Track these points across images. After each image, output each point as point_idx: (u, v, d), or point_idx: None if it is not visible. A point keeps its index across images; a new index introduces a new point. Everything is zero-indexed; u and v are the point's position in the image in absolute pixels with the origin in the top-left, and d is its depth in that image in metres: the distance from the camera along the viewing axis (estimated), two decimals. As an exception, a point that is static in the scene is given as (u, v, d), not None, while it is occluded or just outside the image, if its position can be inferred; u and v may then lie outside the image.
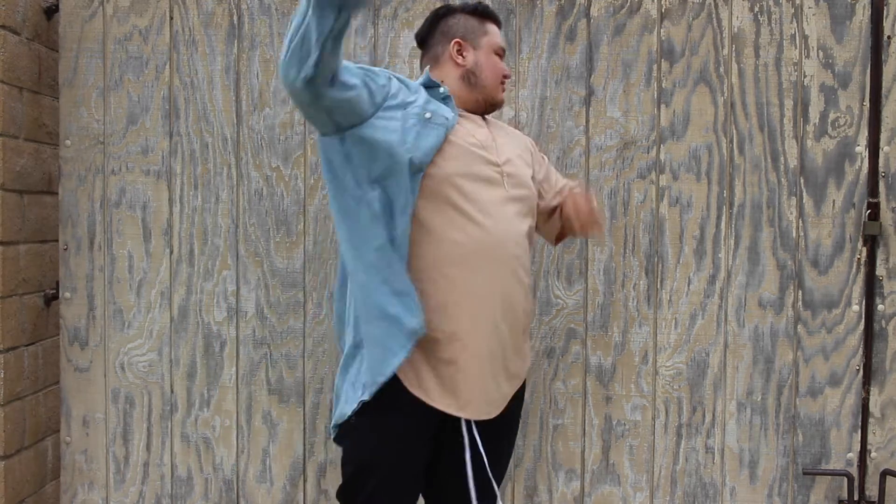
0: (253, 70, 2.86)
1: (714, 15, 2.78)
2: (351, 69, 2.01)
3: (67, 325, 2.92)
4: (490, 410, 2.12)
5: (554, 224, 2.38)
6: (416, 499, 2.17)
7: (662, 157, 2.81)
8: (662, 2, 2.80)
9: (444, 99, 2.15)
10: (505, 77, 2.25)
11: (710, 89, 2.79)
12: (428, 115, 2.06)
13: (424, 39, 2.27)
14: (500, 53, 2.25)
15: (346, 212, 2.04)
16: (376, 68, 2.13)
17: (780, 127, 2.78)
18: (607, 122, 2.81)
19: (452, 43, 2.20)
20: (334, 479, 2.86)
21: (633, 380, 2.84)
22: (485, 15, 2.25)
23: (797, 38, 2.77)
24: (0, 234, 2.61)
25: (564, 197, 2.34)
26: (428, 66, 2.23)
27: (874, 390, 2.78)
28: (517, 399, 2.24)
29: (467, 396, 2.07)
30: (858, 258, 2.77)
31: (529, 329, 2.23)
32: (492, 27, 2.25)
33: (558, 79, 2.81)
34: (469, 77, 2.22)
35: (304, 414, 2.89)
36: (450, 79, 2.20)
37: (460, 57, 2.21)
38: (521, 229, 2.14)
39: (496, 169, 2.13)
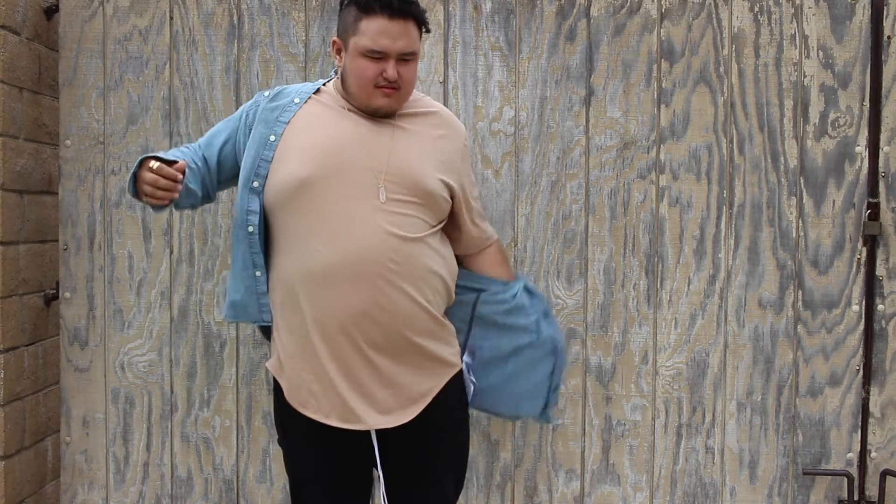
0: (253, 70, 2.86)
1: (714, 15, 2.78)
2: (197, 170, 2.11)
3: (67, 325, 2.92)
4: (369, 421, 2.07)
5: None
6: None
7: (662, 157, 2.81)
8: (662, 2, 2.80)
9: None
10: (382, 82, 1.97)
11: (710, 89, 2.79)
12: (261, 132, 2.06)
13: None
14: (375, 56, 1.96)
15: None
16: (239, 112, 2.15)
17: (780, 127, 2.78)
18: (607, 122, 2.81)
19: (332, 42, 2.07)
20: (334, 479, 2.86)
21: (633, 380, 2.84)
22: (365, 8, 1.96)
23: (797, 38, 2.77)
24: (0, 234, 2.61)
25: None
26: None
27: (874, 390, 2.78)
28: (438, 404, 2.11)
29: (326, 409, 2.06)
30: (858, 258, 2.77)
31: (433, 329, 2.08)
32: (369, 23, 1.95)
33: (558, 79, 2.81)
34: (343, 80, 2.05)
35: (304, 414, 2.88)
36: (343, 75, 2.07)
37: (337, 58, 2.05)
38: (398, 237, 1.99)
39: (370, 174, 1.99)
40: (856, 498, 2.78)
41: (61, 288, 2.91)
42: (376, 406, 2.05)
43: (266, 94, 2.14)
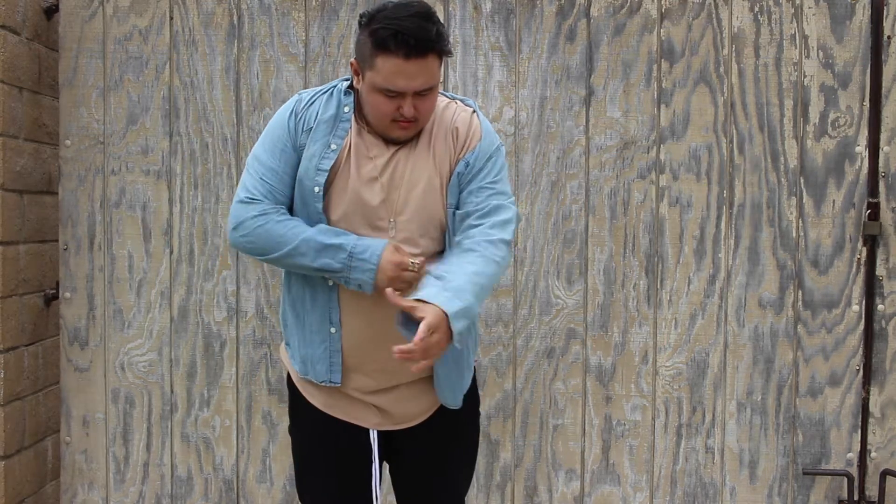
0: (253, 70, 2.86)
1: (714, 15, 2.78)
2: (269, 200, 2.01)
3: (67, 325, 2.92)
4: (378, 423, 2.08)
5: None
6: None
7: (662, 157, 2.81)
8: (662, 2, 2.80)
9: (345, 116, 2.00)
10: (399, 116, 1.90)
11: (710, 89, 2.79)
12: (317, 189, 1.97)
13: None
14: (391, 94, 1.87)
15: None
16: (273, 134, 2.03)
17: (780, 127, 2.78)
18: (607, 122, 2.81)
19: (350, 63, 1.96)
20: (334, 479, 2.86)
21: (633, 380, 2.84)
22: (380, 45, 1.84)
23: (797, 38, 2.77)
24: (0, 234, 2.61)
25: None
26: None
27: (874, 390, 2.78)
28: (449, 410, 2.11)
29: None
30: (858, 258, 2.77)
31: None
32: (385, 62, 1.84)
33: (558, 79, 2.81)
34: (361, 104, 1.98)
35: (304, 414, 2.88)
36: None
37: (356, 78, 1.95)
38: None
39: (383, 212, 1.97)
40: (856, 498, 2.78)
41: (61, 288, 2.91)
42: (385, 412, 2.07)
43: (300, 123, 2.02)
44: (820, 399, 2.80)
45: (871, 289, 2.76)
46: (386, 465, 2.18)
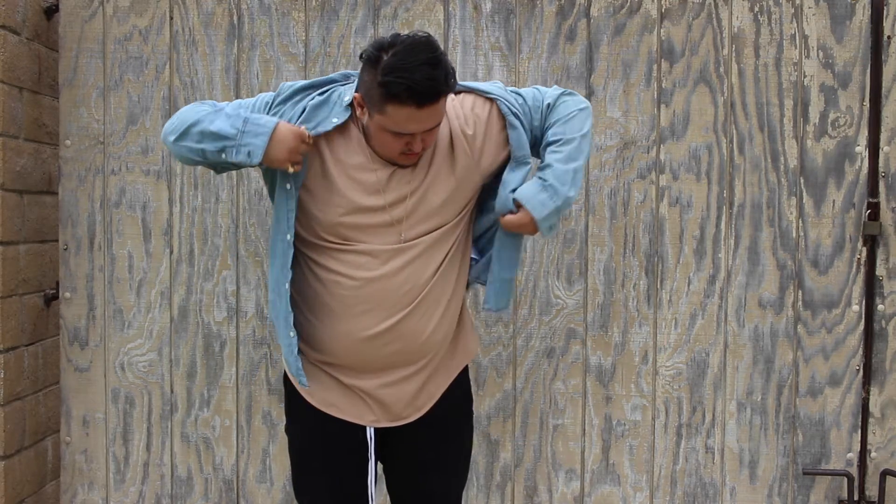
0: (253, 70, 2.86)
1: (714, 15, 2.78)
2: None
3: (67, 325, 2.92)
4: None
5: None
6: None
7: (662, 157, 2.81)
8: (662, 2, 2.80)
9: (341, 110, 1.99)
10: (407, 150, 1.93)
11: (710, 89, 2.79)
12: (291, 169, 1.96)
13: None
14: (401, 135, 1.90)
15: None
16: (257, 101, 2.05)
17: (780, 127, 2.78)
18: (607, 122, 2.81)
19: (354, 96, 1.96)
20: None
21: (633, 380, 2.84)
22: (392, 97, 1.84)
23: (797, 38, 2.77)
24: (0, 234, 2.61)
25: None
26: None
27: (874, 390, 2.78)
28: (446, 398, 2.14)
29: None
30: (858, 258, 2.77)
31: (449, 336, 2.11)
32: (396, 110, 1.84)
33: (558, 79, 2.81)
34: (365, 131, 1.98)
35: (304, 414, 2.88)
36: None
37: (360, 110, 1.95)
38: (416, 273, 2.00)
39: (385, 216, 1.98)
40: (856, 498, 2.78)
41: (61, 288, 2.91)
42: (382, 408, 2.08)
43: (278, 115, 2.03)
44: (820, 399, 2.80)
45: (871, 289, 2.76)
46: (380, 465, 2.18)
